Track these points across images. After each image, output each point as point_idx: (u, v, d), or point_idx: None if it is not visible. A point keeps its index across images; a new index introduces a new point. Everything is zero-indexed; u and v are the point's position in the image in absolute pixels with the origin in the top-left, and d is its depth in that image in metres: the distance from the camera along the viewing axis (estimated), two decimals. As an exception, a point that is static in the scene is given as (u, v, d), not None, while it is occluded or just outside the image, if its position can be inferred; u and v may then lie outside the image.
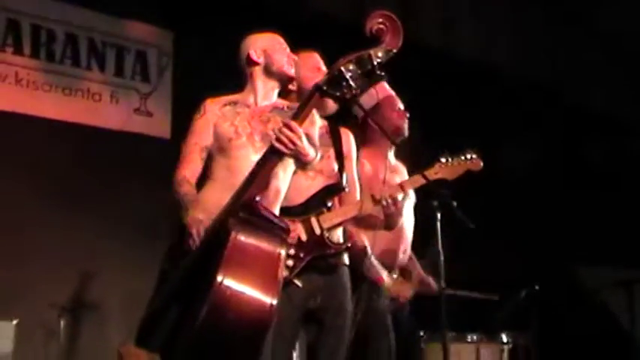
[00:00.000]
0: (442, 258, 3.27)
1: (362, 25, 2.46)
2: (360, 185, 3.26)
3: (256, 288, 2.31)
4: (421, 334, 4.25)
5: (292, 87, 3.11)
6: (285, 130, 2.49)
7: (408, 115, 3.63)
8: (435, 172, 3.26)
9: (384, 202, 3.10)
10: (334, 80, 2.42)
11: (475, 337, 4.27)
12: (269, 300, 2.31)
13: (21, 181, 4.87)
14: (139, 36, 5.75)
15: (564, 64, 7.03)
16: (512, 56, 6.84)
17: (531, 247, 6.26)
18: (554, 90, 6.96)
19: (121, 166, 5.23)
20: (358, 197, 3.19)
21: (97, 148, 5.24)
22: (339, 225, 3.07)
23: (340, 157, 3.15)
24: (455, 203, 3.29)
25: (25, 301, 4.64)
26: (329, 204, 3.05)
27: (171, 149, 5.57)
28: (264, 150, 2.63)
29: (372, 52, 2.40)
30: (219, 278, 2.25)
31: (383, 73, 2.41)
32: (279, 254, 2.38)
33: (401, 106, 3.65)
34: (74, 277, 5.01)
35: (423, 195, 3.42)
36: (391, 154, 3.63)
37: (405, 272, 3.69)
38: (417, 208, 3.62)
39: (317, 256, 2.96)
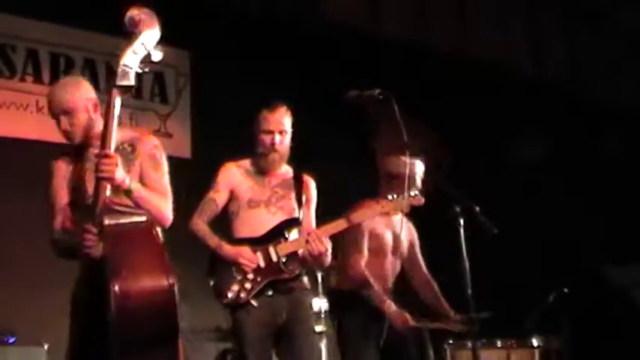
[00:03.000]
0: (467, 265, 3.25)
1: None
2: None
3: (149, 275, 2.45)
4: (450, 341, 4.24)
5: None
6: (104, 160, 2.62)
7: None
8: (382, 206, 3.56)
9: (310, 240, 3.39)
10: (123, 73, 2.66)
11: (505, 343, 4.24)
12: (165, 282, 2.44)
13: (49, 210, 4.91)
14: (156, 58, 5.80)
15: (581, 60, 6.99)
16: (530, 55, 6.81)
17: (559, 248, 6.21)
18: (575, 88, 6.91)
19: (143, 187, 5.25)
20: None
21: (120, 171, 5.27)
22: (293, 254, 3.43)
23: (299, 201, 3.54)
24: (477, 209, 3.31)
25: (56, 326, 4.67)
26: (287, 235, 3.45)
27: (191, 169, 5.66)
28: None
29: (141, 40, 2.73)
30: (114, 287, 2.36)
31: (161, 53, 2.77)
32: (151, 227, 2.61)
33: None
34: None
35: (445, 202, 3.43)
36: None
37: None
38: (438, 217, 3.61)
39: (273, 279, 3.39)
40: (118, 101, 2.67)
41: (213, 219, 3.50)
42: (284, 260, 3.41)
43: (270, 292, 3.38)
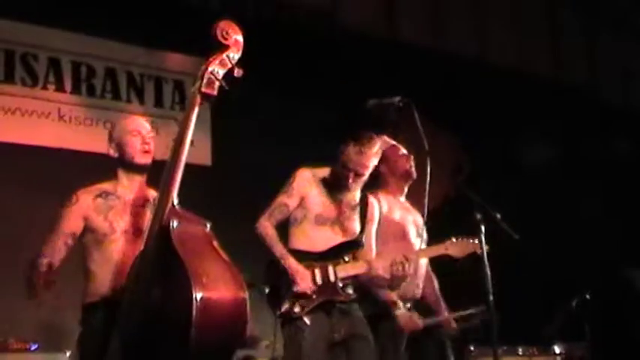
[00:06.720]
0: (488, 271, 3.23)
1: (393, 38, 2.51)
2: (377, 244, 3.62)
3: (227, 286, 2.50)
4: (471, 348, 4.21)
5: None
6: None
7: (412, 157, 3.87)
8: (446, 248, 3.56)
9: (395, 267, 3.42)
10: (209, 81, 2.71)
11: (526, 350, 4.21)
12: (241, 294, 2.51)
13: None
14: (176, 66, 5.83)
15: (599, 63, 6.95)
16: (547, 58, 6.79)
17: (580, 252, 6.15)
18: (592, 91, 6.88)
19: (164, 194, 5.28)
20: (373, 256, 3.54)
21: (141, 178, 5.31)
22: (351, 277, 3.42)
23: (363, 221, 3.52)
24: (499, 215, 3.30)
25: (77, 334, 4.70)
26: (346, 258, 3.45)
27: (212, 176, 5.67)
28: (137, 243, 2.84)
29: (229, 53, 2.81)
30: (197, 294, 2.38)
31: (242, 71, 2.82)
32: (212, 236, 2.64)
33: (404, 151, 3.92)
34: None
35: (466, 209, 3.40)
36: (403, 197, 3.93)
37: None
38: (460, 223, 3.59)
39: (328, 299, 3.37)
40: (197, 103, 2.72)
41: (280, 223, 3.48)
42: (340, 283, 3.39)
43: (323, 311, 3.36)
